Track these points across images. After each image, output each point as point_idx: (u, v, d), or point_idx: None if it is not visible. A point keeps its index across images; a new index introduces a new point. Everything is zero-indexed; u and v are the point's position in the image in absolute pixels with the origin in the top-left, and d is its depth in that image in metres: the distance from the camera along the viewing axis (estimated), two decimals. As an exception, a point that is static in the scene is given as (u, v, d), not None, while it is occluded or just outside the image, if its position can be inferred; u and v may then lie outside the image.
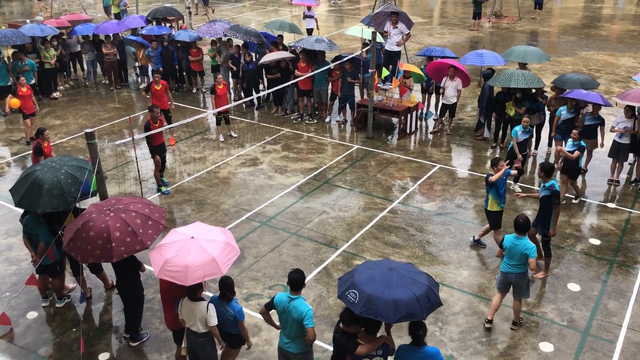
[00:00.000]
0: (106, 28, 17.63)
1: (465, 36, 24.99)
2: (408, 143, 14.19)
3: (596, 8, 32.07)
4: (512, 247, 7.61)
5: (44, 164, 8.14)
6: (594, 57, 21.48)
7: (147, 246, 6.74)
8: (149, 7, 26.38)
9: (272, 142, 14.14)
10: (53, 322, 8.23)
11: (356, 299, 5.61)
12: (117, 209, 6.93)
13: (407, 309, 5.51)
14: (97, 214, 6.88)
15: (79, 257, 6.79)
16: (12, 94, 13.58)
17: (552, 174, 8.95)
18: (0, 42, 15.40)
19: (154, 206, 7.35)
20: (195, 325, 6.43)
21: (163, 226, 7.06)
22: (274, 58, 15.20)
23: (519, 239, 7.58)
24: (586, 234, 10.31)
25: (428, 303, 5.68)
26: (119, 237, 6.62)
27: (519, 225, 7.59)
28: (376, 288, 5.63)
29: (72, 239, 6.77)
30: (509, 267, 7.70)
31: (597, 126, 11.82)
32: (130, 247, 6.66)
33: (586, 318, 8.21)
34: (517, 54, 14.52)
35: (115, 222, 6.72)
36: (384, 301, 5.52)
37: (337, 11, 31.32)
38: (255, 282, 8.97)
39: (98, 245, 6.59)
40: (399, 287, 5.65)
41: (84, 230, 6.72)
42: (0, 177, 12.45)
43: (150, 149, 11.50)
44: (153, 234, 6.88)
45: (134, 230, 6.71)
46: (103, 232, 6.62)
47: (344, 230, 10.33)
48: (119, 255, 6.61)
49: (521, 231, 7.58)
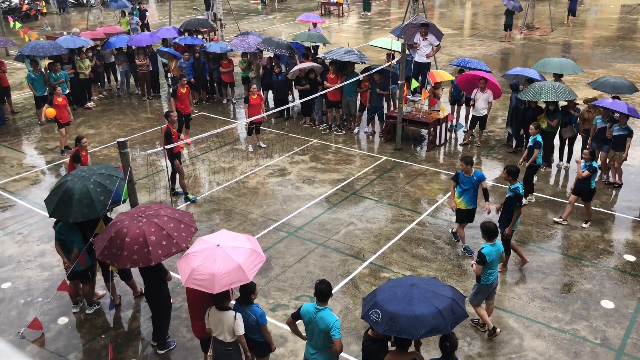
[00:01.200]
0: (139, 40, 18.00)
1: (496, 48, 24.76)
2: (437, 155, 14.08)
3: (632, 19, 31.45)
4: (496, 257, 7.64)
5: (74, 173, 8.28)
6: (629, 70, 21.04)
7: (182, 248, 6.86)
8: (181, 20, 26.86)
9: (301, 152, 14.19)
10: (83, 328, 8.36)
11: (379, 318, 5.59)
12: (149, 215, 7.09)
13: (430, 324, 5.46)
14: (129, 221, 7.00)
15: (117, 264, 6.85)
16: (48, 104, 13.93)
17: (518, 176, 8.96)
18: (38, 53, 15.86)
19: (182, 212, 7.52)
20: (222, 334, 6.45)
21: (195, 229, 7.23)
22: (303, 67, 15.33)
23: (494, 245, 7.64)
24: (620, 250, 10.05)
25: (453, 316, 5.62)
26: (155, 241, 6.74)
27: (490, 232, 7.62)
28: (398, 305, 5.60)
29: (106, 247, 6.86)
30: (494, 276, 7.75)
31: (624, 137, 11.57)
32: (168, 250, 6.78)
33: (620, 336, 7.97)
34: (554, 66, 14.35)
35: (150, 227, 6.85)
36: (406, 317, 5.47)
37: (367, 23, 31.38)
38: (282, 292, 8.97)
39: (135, 251, 6.70)
40: (421, 302, 5.60)
41: (118, 237, 6.82)
42: (35, 185, 12.76)
43: (169, 156, 11.23)
44: (187, 236, 7.04)
45: (169, 233, 6.85)
46: (139, 237, 6.74)
47: (371, 242, 10.27)
48: (157, 259, 6.72)
49: (492, 238, 7.65)
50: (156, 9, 37.34)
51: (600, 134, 11.93)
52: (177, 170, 11.67)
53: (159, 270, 7.38)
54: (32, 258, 9.99)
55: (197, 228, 7.25)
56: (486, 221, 7.84)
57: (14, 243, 10.46)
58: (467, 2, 38.74)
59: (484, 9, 35.70)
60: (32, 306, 8.75)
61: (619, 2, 36.79)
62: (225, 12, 25.87)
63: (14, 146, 14.96)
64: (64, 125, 14.10)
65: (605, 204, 11.51)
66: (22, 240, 10.54)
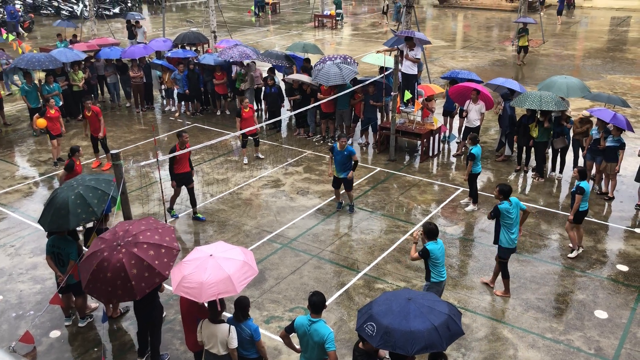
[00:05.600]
0: (133, 52, 18.03)
1: (488, 59, 24.94)
2: (430, 166, 14.13)
3: (622, 31, 31.79)
4: (440, 254, 7.76)
5: (64, 185, 8.30)
6: (620, 81, 21.24)
7: (166, 277, 6.58)
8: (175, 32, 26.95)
9: (294, 164, 14.20)
10: (75, 341, 8.29)
11: (374, 332, 5.52)
12: (127, 243, 6.65)
13: (425, 340, 5.37)
14: (108, 252, 6.61)
15: (103, 299, 6.71)
16: (40, 115, 13.94)
17: (509, 195, 8.74)
18: (34, 66, 15.83)
19: (162, 229, 7.07)
20: (215, 347, 6.41)
21: (177, 250, 6.86)
22: (298, 78, 15.43)
23: (437, 243, 7.77)
24: (613, 260, 10.09)
25: (448, 333, 5.52)
26: (136, 274, 6.43)
27: (431, 232, 7.75)
28: (393, 320, 5.51)
29: (91, 280, 6.57)
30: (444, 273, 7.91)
31: (617, 149, 11.68)
32: (151, 282, 6.51)
33: (614, 347, 7.98)
34: (559, 87, 13.42)
35: (130, 258, 6.50)
36: (402, 333, 5.39)
37: (360, 35, 31.56)
38: (275, 304, 8.93)
39: (118, 286, 6.42)
40: (417, 317, 5.51)
41: (100, 271, 6.50)
42: (27, 197, 12.69)
43: (172, 177, 11.10)
44: (169, 261, 6.69)
45: (150, 264, 6.51)
46: (120, 271, 6.42)
47: (365, 253, 10.27)
48: (141, 292, 6.47)
49: (433, 237, 7.76)
50: (150, 21, 37.45)
51: (594, 144, 12.03)
52: (175, 192, 11.38)
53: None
54: (24, 271, 9.92)
55: (179, 248, 6.98)
56: (427, 222, 7.98)
57: (5, 256, 10.39)
58: (458, 14, 39.05)
59: (476, 20, 35.99)
60: (23, 319, 8.68)
61: (609, 14, 37.20)
62: (219, 24, 25.96)
63: (6, 158, 14.90)
64: (55, 137, 14.09)
65: (598, 214, 11.57)
66: (14, 253, 10.47)
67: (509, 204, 8.65)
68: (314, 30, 33.00)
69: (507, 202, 8.66)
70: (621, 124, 11.54)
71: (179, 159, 10.88)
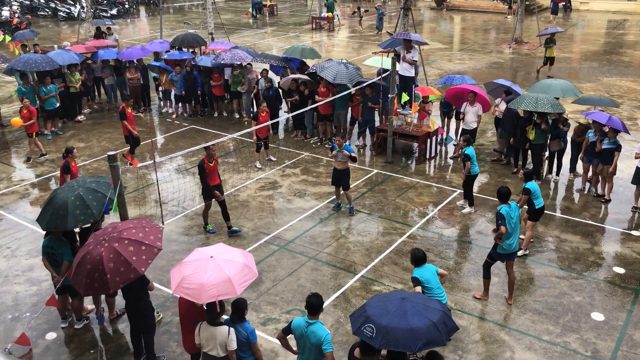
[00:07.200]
0: (130, 54, 18.00)
1: (485, 62, 25.00)
2: (428, 168, 14.14)
3: (618, 34, 31.90)
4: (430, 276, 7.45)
5: (64, 186, 8.31)
6: (616, 84, 21.31)
7: (141, 273, 6.66)
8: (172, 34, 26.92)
9: (292, 166, 14.20)
10: (71, 343, 8.27)
11: (373, 333, 5.52)
12: (112, 238, 6.82)
13: (426, 336, 5.46)
14: (94, 246, 6.81)
15: (82, 291, 6.80)
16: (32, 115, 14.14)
17: (508, 198, 8.72)
18: (31, 68, 15.78)
19: (149, 228, 7.15)
20: (215, 349, 6.40)
21: (158, 249, 6.90)
22: (295, 77, 15.47)
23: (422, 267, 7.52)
24: (610, 262, 10.11)
25: (445, 328, 5.66)
26: (113, 267, 6.54)
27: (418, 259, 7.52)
28: (392, 319, 5.56)
29: (76, 272, 6.76)
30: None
31: (612, 151, 11.71)
32: (125, 276, 6.57)
33: (611, 349, 8.00)
34: (555, 89, 13.64)
35: (109, 252, 6.63)
36: (402, 331, 5.44)
37: (357, 37, 31.60)
38: (272, 306, 8.93)
39: (95, 278, 6.56)
40: (415, 315, 5.59)
41: (83, 263, 6.69)
42: (24, 199, 12.66)
43: (210, 190, 10.65)
44: (147, 259, 6.75)
45: (127, 259, 6.60)
46: (98, 264, 6.56)
47: (362, 255, 10.27)
48: (114, 287, 6.56)
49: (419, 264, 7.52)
50: (147, 22, 37.44)
51: (591, 147, 12.07)
52: (206, 204, 10.96)
53: (139, 281, 7.23)
54: (20, 272, 9.89)
55: (161, 247, 6.98)
56: (414, 248, 7.67)
57: (1, 257, 10.36)
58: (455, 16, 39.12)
59: (473, 23, 36.06)
60: (19, 321, 8.65)
61: (606, 17, 37.32)
62: (217, 26, 25.98)
63: (2, 159, 14.87)
64: (31, 135, 14.42)
65: (595, 217, 11.60)
66: (10, 255, 10.44)
67: (508, 207, 8.64)
68: (311, 32, 33.03)
69: (506, 206, 8.64)
70: (617, 126, 11.60)
71: (209, 172, 10.62)
